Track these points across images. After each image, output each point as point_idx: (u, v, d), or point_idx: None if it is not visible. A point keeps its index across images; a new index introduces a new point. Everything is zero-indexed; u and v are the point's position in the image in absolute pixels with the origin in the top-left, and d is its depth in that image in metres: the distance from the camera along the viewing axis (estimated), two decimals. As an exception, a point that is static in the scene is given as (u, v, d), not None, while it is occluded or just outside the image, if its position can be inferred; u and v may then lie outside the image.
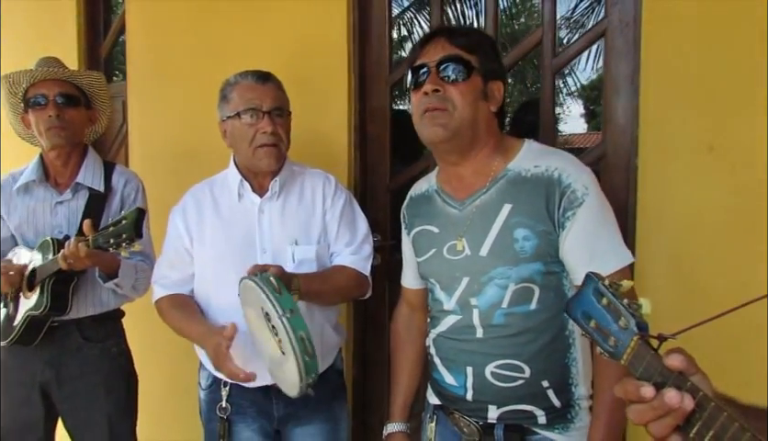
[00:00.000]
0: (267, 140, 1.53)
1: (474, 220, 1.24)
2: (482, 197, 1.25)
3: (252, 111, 1.53)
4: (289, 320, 1.25)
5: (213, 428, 1.66)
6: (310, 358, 1.27)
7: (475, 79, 1.23)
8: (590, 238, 1.15)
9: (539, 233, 1.17)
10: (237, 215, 1.61)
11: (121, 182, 1.88)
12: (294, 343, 1.25)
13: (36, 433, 1.87)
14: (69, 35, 2.75)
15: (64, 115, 1.77)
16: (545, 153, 1.25)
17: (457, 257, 1.26)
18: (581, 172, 1.20)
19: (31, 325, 1.70)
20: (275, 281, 1.30)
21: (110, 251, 1.46)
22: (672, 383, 0.65)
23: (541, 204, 1.18)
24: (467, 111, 1.21)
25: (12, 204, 1.84)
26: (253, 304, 1.36)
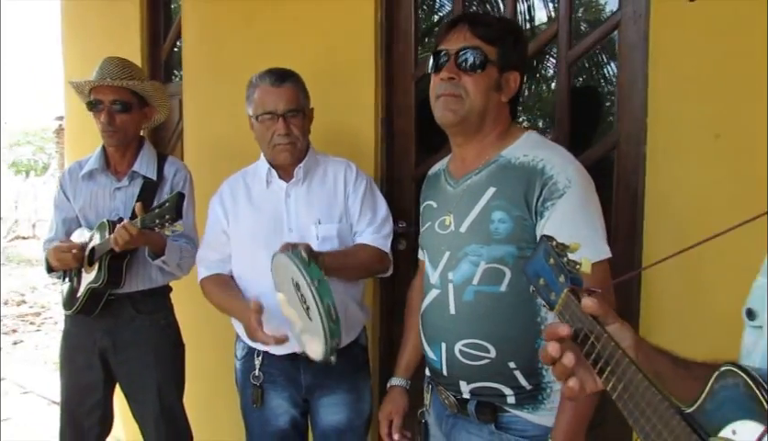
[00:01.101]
0: (282, 140, 1.70)
1: (463, 199, 1.33)
2: (474, 177, 1.33)
3: (267, 115, 1.70)
4: (317, 288, 1.40)
5: (247, 395, 1.83)
6: (334, 324, 1.41)
7: (490, 70, 1.29)
8: (567, 229, 1.17)
9: (515, 218, 1.23)
10: (266, 199, 1.79)
11: (172, 171, 2.10)
12: (321, 309, 1.39)
13: (96, 394, 2.11)
14: (133, 39, 3.02)
15: (116, 120, 1.98)
16: (538, 145, 1.31)
17: (444, 232, 1.36)
18: (567, 165, 1.24)
19: (92, 297, 1.94)
20: (304, 254, 1.45)
21: (156, 230, 1.66)
22: (586, 328, 0.74)
23: (521, 191, 1.23)
24: (478, 100, 1.29)
25: (78, 189, 2.09)
26: (284, 277, 1.52)
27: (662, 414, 0.61)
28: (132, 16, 3.03)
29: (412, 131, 2.13)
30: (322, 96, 2.07)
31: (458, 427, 1.37)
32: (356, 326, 1.85)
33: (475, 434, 1.33)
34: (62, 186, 2.14)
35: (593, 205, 1.25)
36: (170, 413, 2.10)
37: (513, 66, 1.32)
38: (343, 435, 1.82)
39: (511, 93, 1.33)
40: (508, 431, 1.29)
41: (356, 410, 1.84)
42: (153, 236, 1.84)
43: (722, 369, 0.58)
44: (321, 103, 2.03)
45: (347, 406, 1.83)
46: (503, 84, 1.31)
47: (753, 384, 0.54)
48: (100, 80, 1.98)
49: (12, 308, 7.60)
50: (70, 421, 2.14)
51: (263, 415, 1.82)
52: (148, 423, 2.11)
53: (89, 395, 2.11)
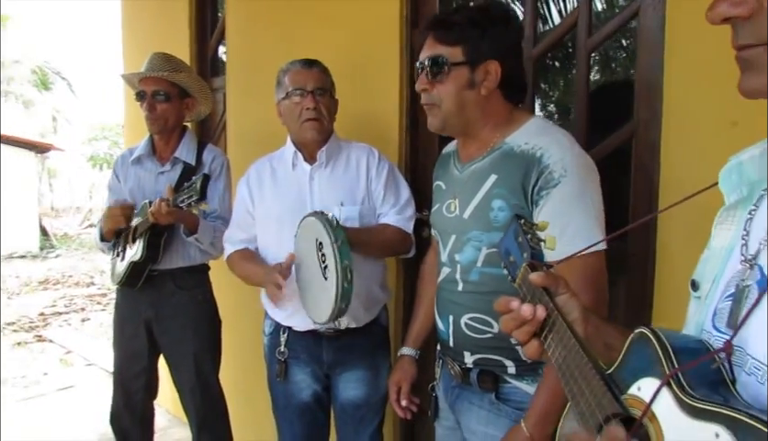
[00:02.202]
0: (311, 114, 1.79)
1: (467, 184, 1.37)
2: (478, 164, 1.36)
3: (298, 91, 1.80)
4: (339, 248, 1.50)
5: (273, 369, 1.95)
6: (348, 285, 1.51)
7: (458, 72, 1.30)
8: (560, 219, 1.19)
9: (513, 206, 1.25)
10: (291, 181, 1.89)
11: (210, 157, 2.25)
12: (339, 267, 1.49)
13: (142, 361, 2.30)
14: (183, 37, 3.22)
15: (156, 109, 2.16)
16: (540, 132, 1.30)
17: (450, 215, 1.41)
18: (565, 154, 1.23)
19: (134, 271, 2.12)
20: (331, 217, 1.55)
21: (184, 208, 1.80)
22: (535, 300, 0.79)
23: (518, 179, 1.25)
24: (450, 105, 1.31)
25: (127, 173, 2.29)
26: (308, 237, 1.63)
27: (586, 375, 0.66)
28: (182, 15, 3.23)
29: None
30: (351, 87, 2.16)
31: (462, 398, 1.44)
32: (377, 305, 1.93)
33: (476, 404, 1.39)
34: (115, 170, 2.34)
35: (590, 195, 1.24)
36: (205, 383, 2.26)
37: (487, 57, 1.29)
38: (360, 409, 1.91)
39: (492, 83, 1.31)
40: (507, 402, 1.34)
41: (374, 386, 1.91)
42: (185, 215, 1.99)
43: (635, 332, 0.62)
44: (350, 93, 2.12)
45: (365, 382, 1.91)
46: (478, 79, 1.30)
47: (657, 344, 0.59)
48: (142, 73, 2.15)
49: (82, 288, 8.18)
50: (119, 384, 2.34)
51: (287, 389, 1.93)
52: (186, 391, 2.28)
53: (136, 361, 2.30)
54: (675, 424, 0.53)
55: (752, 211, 0.62)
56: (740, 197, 0.67)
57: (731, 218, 0.66)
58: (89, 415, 3.55)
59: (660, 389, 0.56)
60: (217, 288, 2.39)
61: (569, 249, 1.14)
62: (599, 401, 0.62)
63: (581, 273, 1.18)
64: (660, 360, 0.58)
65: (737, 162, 0.64)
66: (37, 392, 4.24)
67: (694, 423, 0.51)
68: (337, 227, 1.52)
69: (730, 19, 0.58)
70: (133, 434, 2.38)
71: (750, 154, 0.67)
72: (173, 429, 3.37)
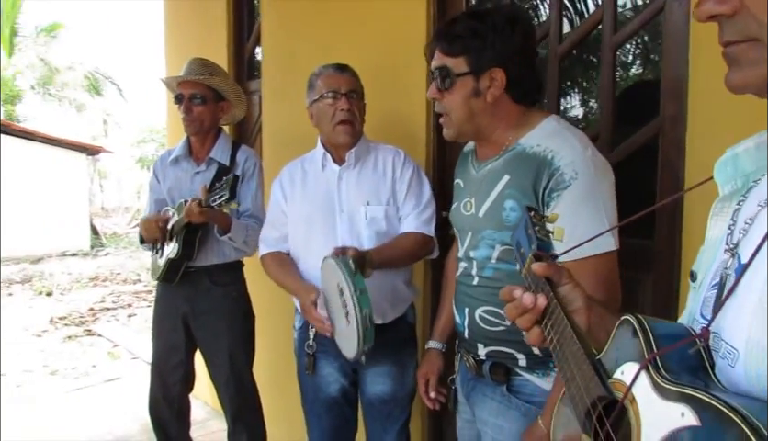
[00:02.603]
0: (344, 116, 1.85)
1: (483, 184, 1.40)
2: (493, 164, 1.39)
3: (332, 93, 1.86)
4: (359, 298, 1.55)
5: (302, 363, 2.01)
6: (368, 330, 1.57)
7: (463, 82, 1.33)
8: (570, 220, 1.19)
9: (523, 207, 1.23)
10: (321, 181, 1.95)
11: (243, 158, 2.34)
12: (359, 316, 1.54)
13: (179, 354, 2.41)
14: (220, 41, 3.34)
15: (192, 111, 2.26)
16: (553, 134, 1.31)
17: (467, 214, 1.44)
18: (576, 157, 1.24)
19: (171, 267, 2.22)
20: (352, 264, 1.60)
21: (215, 208, 1.89)
22: (538, 289, 0.81)
23: (530, 181, 1.27)
24: (459, 114, 1.35)
25: (166, 173, 2.40)
26: (330, 279, 1.68)
27: (578, 360, 0.68)
28: (220, 21, 3.35)
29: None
30: (380, 88, 2.21)
31: (477, 390, 1.47)
32: (403, 303, 1.97)
33: (489, 395, 1.42)
34: (155, 170, 2.46)
35: (601, 197, 1.24)
36: (239, 377, 2.35)
37: (490, 65, 1.31)
38: (387, 404, 1.95)
39: (497, 89, 1.33)
40: (517, 394, 1.37)
41: (401, 382, 1.95)
42: (217, 214, 2.08)
43: (621, 319, 0.65)
44: (379, 95, 2.16)
45: (392, 378, 1.95)
46: (483, 87, 1.33)
47: (640, 330, 0.61)
48: (180, 77, 2.26)
49: (130, 285, 8.50)
50: (158, 376, 2.45)
51: (315, 382, 1.99)
52: (221, 384, 2.37)
53: (174, 354, 2.40)
54: (650, 405, 0.55)
55: (741, 202, 0.64)
56: (735, 188, 0.68)
57: (726, 209, 0.68)
58: (133, 405, 3.71)
59: (638, 373, 0.58)
60: (251, 285, 2.47)
61: (577, 252, 1.13)
62: (587, 385, 0.65)
63: (592, 273, 1.20)
64: (641, 346, 0.60)
65: (732, 154, 0.66)
66: (85, 383, 4.46)
67: (665, 404, 0.53)
68: (356, 274, 1.57)
69: (716, 17, 0.60)
70: (171, 424, 2.48)
71: (745, 146, 0.68)
72: (211, 421, 3.49)
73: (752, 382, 0.52)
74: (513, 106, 1.37)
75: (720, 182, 0.65)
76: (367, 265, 1.68)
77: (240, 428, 2.39)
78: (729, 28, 0.57)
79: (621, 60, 1.83)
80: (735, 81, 0.58)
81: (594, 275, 1.19)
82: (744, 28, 0.55)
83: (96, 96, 17.90)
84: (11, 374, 4.64)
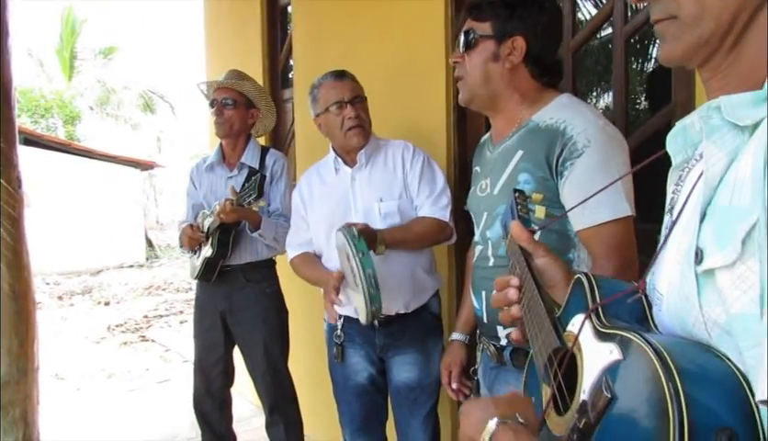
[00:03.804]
0: (353, 123, 1.93)
1: (497, 163, 1.41)
2: (506, 143, 1.40)
3: (336, 104, 1.94)
4: (361, 260, 1.63)
5: (332, 352, 2.09)
6: (374, 291, 1.63)
7: (484, 45, 1.36)
8: (584, 187, 1.20)
9: (538, 179, 1.29)
10: (336, 185, 2.04)
11: (271, 161, 2.46)
12: (363, 276, 1.62)
13: (219, 350, 2.54)
14: (256, 53, 3.50)
15: (223, 113, 2.40)
16: (565, 107, 1.32)
17: (483, 195, 1.47)
18: (588, 125, 1.25)
19: (207, 266, 2.36)
20: (355, 231, 1.68)
21: (245, 206, 2.00)
22: (515, 261, 0.87)
23: (543, 153, 1.28)
24: (475, 76, 1.38)
25: (202, 179, 2.55)
26: (341, 251, 1.78)
27: (540, 317, 0.74)
28: (255, 35, 3.52)
29: (483, 117, 2.26)
30: (401, 89, 2.29)
31: (499, 379, 1.49)
32: (425, 291, 2.02)
33: (513, 383, 1.42)
34: (192, 177, 2.61)
35: (615, 164, 1.24)
36: (275, 369, 2.46)
37: (513, 32, 1.35)
38: (413, 391, 2.01)
39: (517, 57, 1.35)
40: None
41: (426, 370, 2.01)
42: (248, 212, 2.20)
43: (575, 277, 0.70)
44: (400, 95, 2.24)
45: (417, 366, 2.00)
46: (503, 53, 1.36)
47: (588, 286, 0.66)
48: (212, 82, 2.41)
49: (182, 294, 8.84)
50: (200, 372, 2.59)
51: (344, 371, 2.07)
52: (258, 376, 2.49)
53: (214, 350, 2.54)
54: (591, 348, 0.61)
55: (685, 168, 0.68)
56: (685, 157, 0.72)
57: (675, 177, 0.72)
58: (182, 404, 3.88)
59: (583, 322, 0.63)
60: (284, 282, 2.59)
61: (593, 218, 1.21)
62: (546, 338, 0.70)
63: (605, 241, 1.23)
64: (588, 299, 0.65)
65: (681, 126, 0.70)
66: (139, 385, 4.70)
67: (600, 345, 0.59)
68: (359, 239, 1.64)
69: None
70: (214, 417, 2.62)
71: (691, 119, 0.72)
72: (255, 418, 3.62)
73: (674, 322, 0.57)
74: (530, 80, 1.39)
75: (672, 152, 0.69)
76: (378, 242, 1.75)
77: (277, 418, 2.49)
78: (655, 8, 0.62)
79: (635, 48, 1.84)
80: (662, 55, 0.63)
81: (607, 243, 1.22)
82: (666, 6, 0.60)
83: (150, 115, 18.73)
84: (71, 378, 4.94)
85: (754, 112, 0.51)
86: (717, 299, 0.49)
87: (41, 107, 16.13)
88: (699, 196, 0.54)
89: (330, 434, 2.81)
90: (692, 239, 0.53)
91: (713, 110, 0.55)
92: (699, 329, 0.52)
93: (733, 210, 0.49)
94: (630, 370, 0.53)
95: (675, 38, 0.61)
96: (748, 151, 0.50)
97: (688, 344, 0.53)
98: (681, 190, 0.63)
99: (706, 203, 0.53)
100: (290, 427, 2.51)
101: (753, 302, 0.45)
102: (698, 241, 0.52)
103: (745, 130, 0.52)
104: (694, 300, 0.52)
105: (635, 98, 1.81)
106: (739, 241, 0.46)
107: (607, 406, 0.54)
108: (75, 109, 17.00)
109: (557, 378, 0.67)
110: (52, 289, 9.56)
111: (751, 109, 0.52)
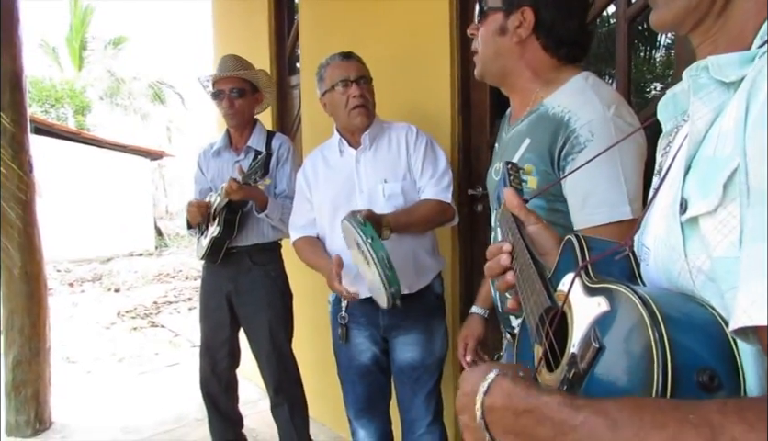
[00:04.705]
0: (358, 101, 1.94)
1: (509, 147, 1.34)
2: (519, 126, 1.33)
3: (342, 82, 1.96)
4: (371, 244, 1.64)
5: (336, 333, 2.13)
6: (390, 272, 1.64)
7: (492, 17, 1.29)
8: (585, 184, 1.14)
9: (541, 172, 1.21)
10: (340, 166, 2.06)
11: (277, 144, 2.49)
12: (376, 260, 1.63)
13: (225, 331, 2.57)
14: (264, 40, 3.52)
15: (234, 104, 2.42)
16: (576, 93, 1.22)
17: (496, 178, 1.41)
18: (594, 116, 1.15)
19: (214, 246, 2.39)
20: (360, 218, 1.70)
21: (251, 184, 2.03)
22: (507, 229, 0.89)
23: (546, 145, 1.20)
24: (484, 50, 1.32)
25: (209, 164, 2.58)
26: (350, 239, 1.79)
27: (532, 280, 0.76)
28: (263, 23, 3.55)
29: (487, 102, 2.28)
30: (407, 74, 2.30)
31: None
32: (428, 273, 2.04)
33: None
34: (199, 163, 2.64)
35: (620, 160, 1.13)
36: (279, 351, 2.49)
37: (522, 4, 1.26)
38: (416, 370, 2.03)
39: (525, 30, 1.27)
40: None
41: (429, 349, 2.03)
42: (254, 192, 2.23)
43: (565, 238, 0.72)
44: (407, 80, 2.25)
45: (420, 346, 2.03)
46: (511, 26, 1.27)
47: (577, 246, 0.68)
48: (221, 74, 2.42)
49: (191, 281, 8.92)
50: (206, 353, 2.63)
51: (349, 351, 2.10)
52: (262, 358, 2.53)
53: (220, 331, 2.58)
54: (580, 304, 0.63)
55: (674, 132, 0.70)
56: (675, 123, 0.74)
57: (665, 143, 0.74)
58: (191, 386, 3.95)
59: (573, 280, 0.65)
60: (289, 266, 2.61)
61: (589, 219, 1.14)
62: (537, 299, 0.72)
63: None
64: (578, 258, 0.67)
65: (672, 94, 0.71)
66: (149, 368, 4.76)
67: (588, 299, 0.61)
68: (366, 225, 1.66)
69: None
70: (220, 398, 2.66)
71: (681, 87, 0.74)
72: (261, 401, 3.67)
73: (660, 274, 0.59)
74: (542, 54, 1.29)
75: (663, 120, 0.71)
76: (384, 227, 1.77)
77: (281, 399, 2.53)
78: None
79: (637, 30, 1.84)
80: (654, 20, 0.65)
81: None
82: None
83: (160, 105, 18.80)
84: (82, 361, 5.02)
85: (740, 71, 0.53)
86: (701, 246, 0.51)
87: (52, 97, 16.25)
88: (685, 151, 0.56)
89: (334, 416, 2.86)
90: (677, 191, 0.54)
91: (701, 70, 0.57)
92: (684, 278, 0.54)
93: (716, 160, 0.50)
94: (618, 320, 0.55)
95: (666, 3, 0.63)
96: (732, 104, 0.51)
97: (673, 294, 0.55)
98: (669, 152, 0.65)
99: (691, 156, 0.54)
100: (295, 408, 2.55)
101: (734, 245, 0.47)
102: (683, 192, 0.54)
103: (731, 87, 0.54)
104: (680, 250, 0.53)
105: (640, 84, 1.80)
106: (721, 186, 0.48)
107: (596, 356, 0.56)
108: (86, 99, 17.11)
109: (548, 336, 0.69)
110: (63, 276, 9.67)
111: (737, 68, 0.53)
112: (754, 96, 0.47)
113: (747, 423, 0.39)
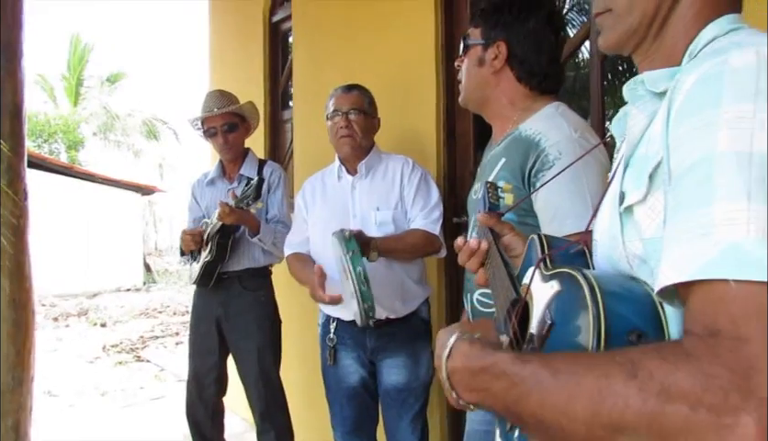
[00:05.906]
0: (343, 132, 2.07)
1: (486, 168, 1.45)
2: (496, 149, 1.43)
3: (335, 112, 2.09)
4: (351, 258, 1.72)
5: (325, 355, 2.17)
6: (365, 288, 1.70)
7: (473, 50, 1.43)
8: (554, 199, 1.24)
9: (513, 188, 1.31)
10: (337, 191, 2.16)
11: (269, 171, 2.58)
12: (353, 275, 1.70)
13: (213, 357, 2.60)
14: (258, 78, 3.66)
15: (229, 139, 2.54)
16: (546, 118, 1.34)
17: (475, 197, 1.51)
18: (561, 137, 1.27)
19: (206, 270, 2.44)
20: (346, 234, 1.78)
21: (244, 208, 2.11)
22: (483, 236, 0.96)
23: (519, 163, 1.31)
24: (467, 80, 1.46)
25: (203, 193, 2.67)
26: (335, 254, 1.86)
27: (502, 278, 0.83)
28: (258, 61, 3.70)
29: (471, 132, 2.38)
30: (394, 105, 2.41)
31: None
32: (414, 299, 2.11)
33: None
34: (193, 192, 2.72)
35: (585, 179, 1.23)
36: (267, 376, 2.52)
37: (497, 37, 1.39)
38: (401, 393, 2.08)
39: (499, 62, 1.40)
40: None
41: (415, 373, 2.08)
42: (246, 215, 2.31)
43: (529, 238, 0.79)
44: (393, 110, 2.36)
45: (406, 369, 2.08)
46: (488, 58, 1.41)
47: (539, 243, 0.76)
48: (210, 112, 2.53)
49: (178, 316, 8.86)
50: (194, 378, 2.65)
51: (337, 373, 2.15)
52: (250, 383, 2.55)
53: (208, 357, 2.60)
54: (539, 291, 0.70)
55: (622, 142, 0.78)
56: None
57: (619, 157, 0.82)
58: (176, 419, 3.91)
59: (534, 272, 0.72)
60: (280, 292, 2.67)
61: (556, 229, 1.22)
62: (506, 293, 0.79)
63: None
64: (539, 253, 0.75)
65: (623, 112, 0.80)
66: (133, 402, 4.72)
67: (544, 284, 0.68)
68: (350, 240, 1.74)
69: None
70: (205, 425, 2.66)
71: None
72: (247, 434, 3.64)
73: (606, 262, 0.66)
74: (515, 84, 1.41)
75: (616, 134, 0.79)
76: (372, 249, 1.84)
77: (267, 426, 2.54)
78: (596, 3, 0.73)
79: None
80: (601, 42, 0.74)
81: None
82: (603, 1, 0.72)
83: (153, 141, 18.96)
84: (64, 395, 4.95)
85: (669, 82, 0.62)
86: (635, 231, 0.59)
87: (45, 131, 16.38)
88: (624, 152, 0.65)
89: (321, 442, 2.85)
90: (617, 186, 0.63)
91: (638, 83, 0.66)
92: (623, 263, 0.62)
93: (647, 157, 0.59)
94: (566, 297, 0.62)
95: (610, 28, 0.72)
96: (661, 111, 0.60)
97: (614, 275, 0.63)
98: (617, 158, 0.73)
99: (629, 156, 0.63)
100: (281, 435, 2.55)
101: (660, 227, 0.55)
102: (622, 186, 0.62)
103: (661, 96, 0.62)
104: (619, 238, 0.61)
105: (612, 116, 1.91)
106: (647, 175, 0.56)
107: (549, 331, 0.62)
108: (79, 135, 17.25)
109: (513, 326, 0.75)
110: (48, 311, 9.57)
111: (666, 81, 0.62)
112: (674, 100, 0.56)
113: (661, 357, 0.46)
